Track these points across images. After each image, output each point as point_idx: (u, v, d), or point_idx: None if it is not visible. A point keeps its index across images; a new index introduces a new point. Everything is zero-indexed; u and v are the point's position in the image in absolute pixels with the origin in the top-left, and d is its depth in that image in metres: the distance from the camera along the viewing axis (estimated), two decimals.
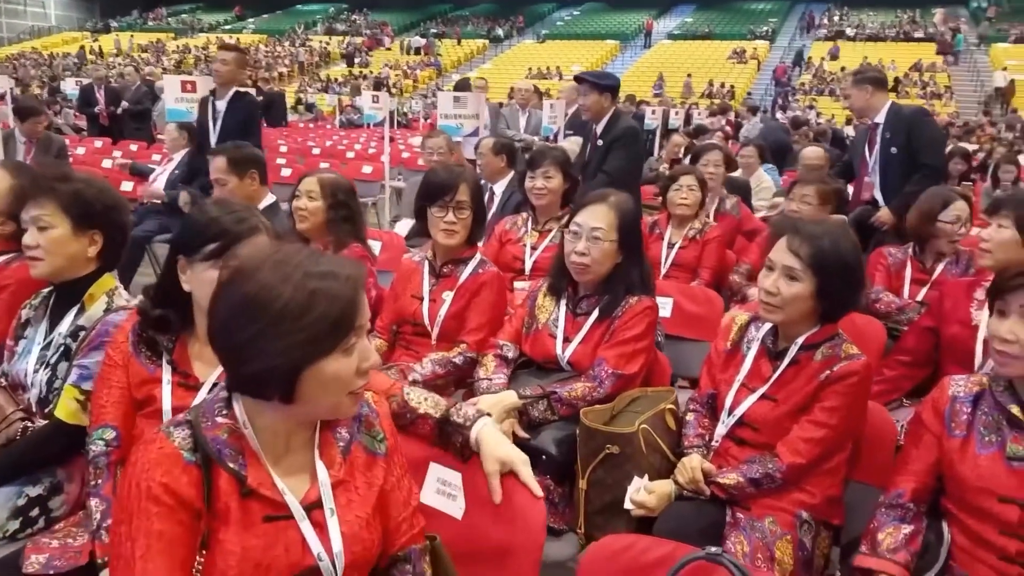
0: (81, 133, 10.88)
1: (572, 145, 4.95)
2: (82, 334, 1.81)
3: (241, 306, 1.10)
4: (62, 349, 1.83)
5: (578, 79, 4.36)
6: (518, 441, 2.01)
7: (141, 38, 36.50)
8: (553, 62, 30.93)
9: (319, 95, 26.65)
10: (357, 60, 33.58)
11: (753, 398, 1.94)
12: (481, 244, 2.66)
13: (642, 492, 1.87)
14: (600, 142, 4.16)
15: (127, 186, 5.88)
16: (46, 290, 1.95)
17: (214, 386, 1.55)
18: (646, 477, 1.90)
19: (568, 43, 34.45)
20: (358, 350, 1.15)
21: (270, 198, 3.50)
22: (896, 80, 26.14)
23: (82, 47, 32.65)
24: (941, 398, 1.72)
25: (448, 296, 2.44)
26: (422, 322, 2.46)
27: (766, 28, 34.06)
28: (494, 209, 3.99)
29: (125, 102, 9.60)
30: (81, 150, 8.19)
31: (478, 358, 2.34)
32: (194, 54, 32.14)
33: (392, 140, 9.27)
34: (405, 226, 4.44)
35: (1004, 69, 25.72)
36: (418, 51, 34.51)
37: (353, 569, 1.23)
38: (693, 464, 1.89)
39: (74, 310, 1.87)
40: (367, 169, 8.36)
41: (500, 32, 36.85)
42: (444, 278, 2.49)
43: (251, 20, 41.00)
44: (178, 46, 34.78)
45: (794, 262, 1.83)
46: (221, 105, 4.81)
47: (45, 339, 1.87)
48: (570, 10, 39.70)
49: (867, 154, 4.35)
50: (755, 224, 4.47)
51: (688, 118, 13.45)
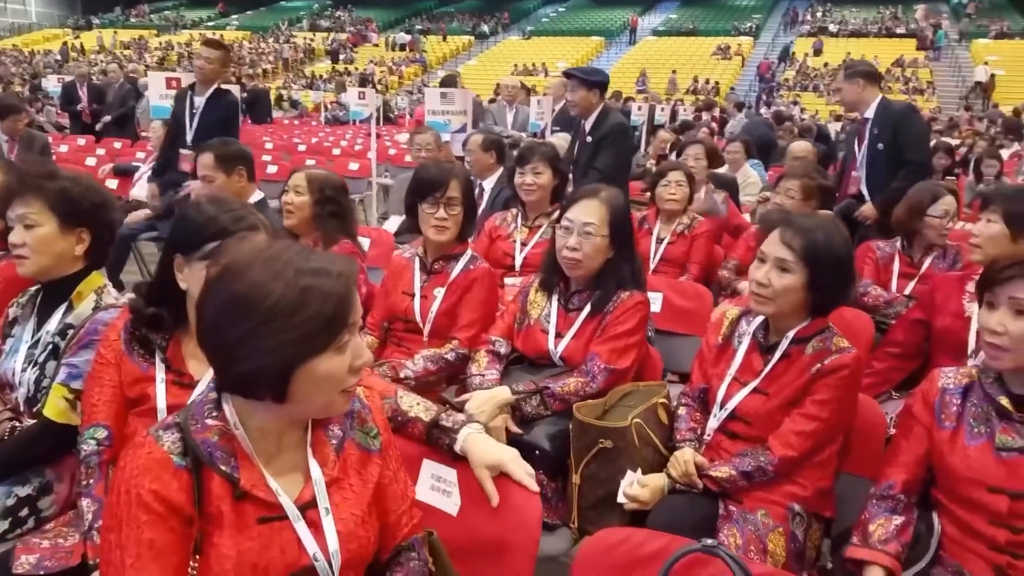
0: (63, 131, 10.76)
1: (560, 141, 4.94)
2: (70, 332, 1.79)
3: (231, 304, 1.08)
4: (50, 348, 1.81)
5: (567, 75, 4.36)
6: (511, 436, 2.02)
7: (123, 35, 36.15)
8: (538, 58, 30.93)
9: (304, 92, 26.49)
10: (342, 56, 33.42)
11: (745, 392, 1.95)
12: (471, 240, 2.65)
13: (635, 486, 1.87)
14: (589, 138, 4.16)
15: (111, 184, 5.82)
16: (33, 288, 1.93)
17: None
18: (639, 471, 1.90)
19: (553, 39, 34.47)
20: (351, 348, 1.13)
21: (258, 195, 3.48)
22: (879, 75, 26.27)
23: (65, 44, 32.26)
24: (931, 390, 1.73)
25: (440, 292, 2.43)
26: (413, 319, 2.46)
27: (750, 24, 34.22)
28: (483, 205, 3.98)
29: (108, 116, 9.40)
30: (64, 148, 8.10)
31: (470, 354, 2.33)
32: (177, 51, 31.87)
33: (378, 136, 9.23)
34: (394, 223, 4.43)
35: (985, 64, 25.97)
36: (403, 47, 34.40)
37: (349, 567, 1.23)
38: (686, 458, 1.90)
39: (62, 308, 1.85)
40: (354, 166, 8.32)
41: (485, 28, 36.81)
42: (435, 274, 2.48)
43: (235, 16, 40.71)
44: (161, 43, 34.47)
45: (786, 254, 1.84)
46: (200, 101, 4.68)
47: (33, 337, 1.85)
48: (555, 6, 39.72)
49: (856, 148, 4.39)
50: (741, 221, 4.49)
51: (674, 114, 13.49)
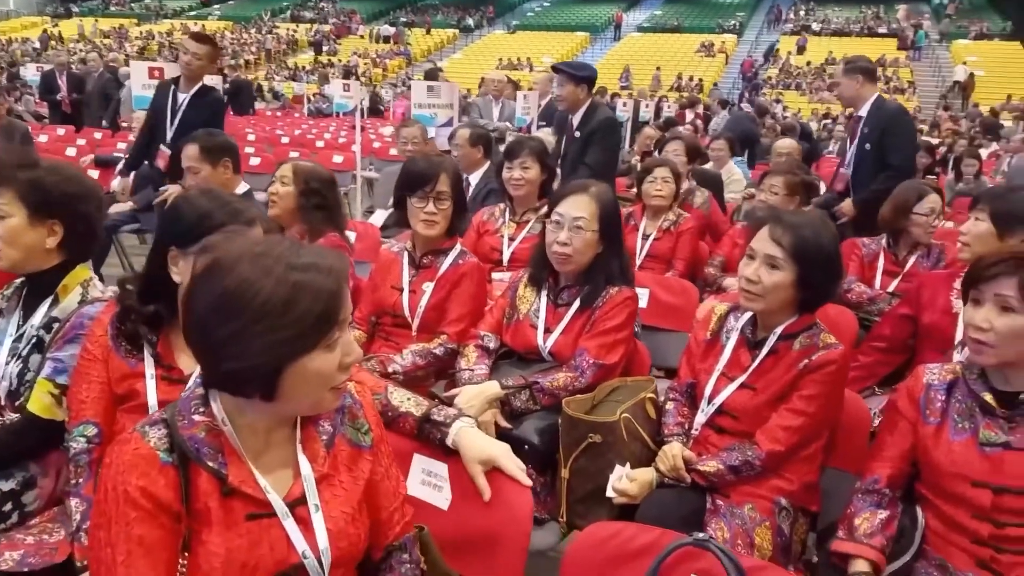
0: (42, 120, 10.60)
1: (546, 137, 4.95)
2: (56, 326, 1.76)
3: (219, 302, 1.06)
4: (34, 341, 1.77)
5: (555, 69, 4.35)
6: (500, 431, 2.03)
7: (103, 23, 35.63)
8: (523, 53, 30.87)
9: (286, 83, 26.26)
10: (325, 48, 33.17)
11: (732, 387, 1.96)
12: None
13: (624, 480, 1.88)
14: (577, 133, 4.16)
15: (92, 174, 5.75)
16: (19, 281, 1.90)
17: None
18: (627, 465, 1.91)
19: (538, 34, 34.40)
20: (341, 344, 1.12)
21: (243, 187, 3.46)
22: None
23: (45, 32, 31.75)
24: (916, 386, 1.75)
25: (428, 287, 2.43)
26: (402, 313, 2.45)
27: (734, 22, 34.36)
28: (468, 200, 3.97)
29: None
30: (43, 138, 7.97)
31: (459, 349, 2.33)
32: (158, 40, 31.46)
33: (363, 129, 9.18)
34: (380, 217, 4.42)
35: (963, 64, 26.27)
36: (387, 40, 34.20)
37: (339, 565, 1.22)
38: (674, 452, 1.91)
39: (47, 302, 1.81)
40: (338, 159, 8.26)
41: (470, 22, 36.68)
42: (424, 269, 2.47)
43: (216, 6, 40.23)
44: (141, 32, 34.02)
45: (776, 251, 1.86)
46: (183, 98, 4.49)
47: (17, 331, 1.81)
48: (540, 1, 39.64)
49: (848, 146, 4.43)
50: (721, 220, 4.51)
51: (658, 111, 13.53)
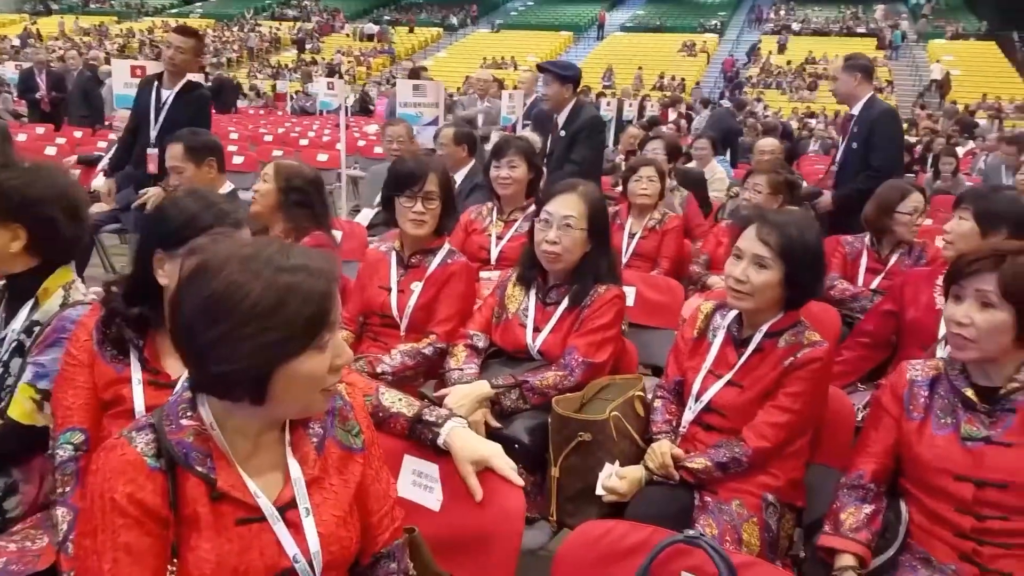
0: (21, 119, 10.45)
1: (533, 136, 4.96)
2: (37, 330, 1.73)
3: (207, 304, 1.05)
4: (15, 346, 1.74)
5: (540, 68, 4.37)
6: (490, 431, 2.03)
7: (83, 21, 35.20)
8: (508, 52, 30.86)
9: (268, 81, 26.09)
10: (308, 46, 32.98)
11: (720, 384, 1.98)
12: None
13: (613, 478, 1.89)
14: (563, 132, 4.18)
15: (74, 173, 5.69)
16: None
17: None
18: (617, 463, 1.93)
19: (522, 33, 34.40)
20: (331, 346, 1.11)
21: (228, 186, 3.43)
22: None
23: (26, 29, 31.30)
24: (899, 382, 1.78)
25: (417, 287, 2.42)
26: (390, 313, 2.44)
27: (715, 22, 34.54)
28: None
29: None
30: (23, 136, 7.86)
31: (448, 349, 2.33)
32: (139, 38, 31.14)
33: (347, 128, 9.13)
34: (367, 216, 4.40)
35: (938, 62, 26.61)
36: (371, 38, 34.07)
37: (331, 569, 1.21)
38: (663, 449, 1.93)
39: (28, 305, 1.77)
40: (322, 157, 8.22)
41: (454, 21, 36.62)
42: (412, 269, 2.47)
43: (198, 4, 39.85)
44: (122, 30, 33.65)
45: (763, 250, 1.88)
46: (167, 95, 4.34)
47: None
48: (524, 0, 39.64)
49: (840, 143, 4.50)
50: (700, 223, 4.54)
51: (642, 110, 13.60)
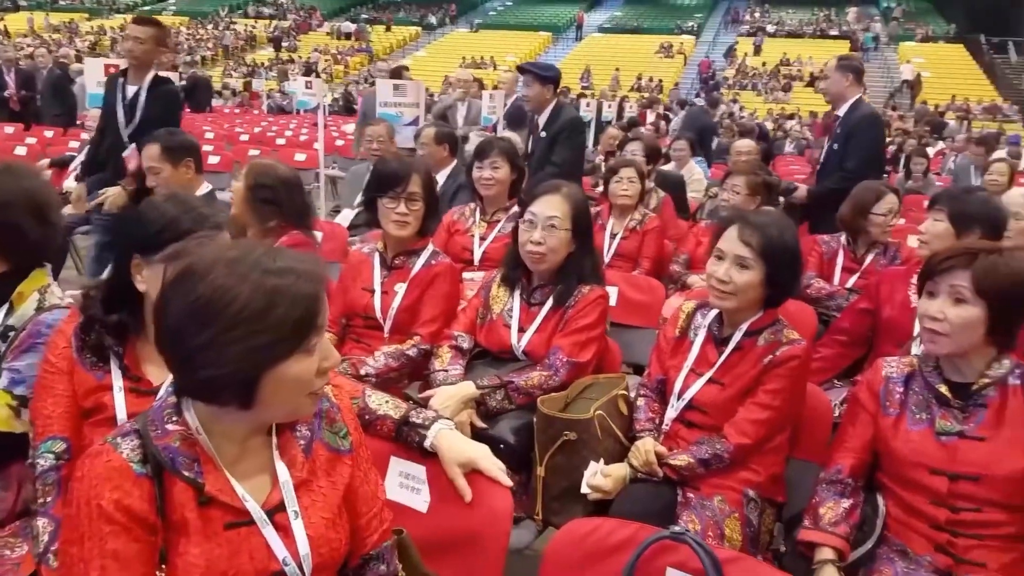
0: None
1: (514, 136, 4.98)
2: (12, 335, 1.70)
3: (194, 309, 1.04)
4: None
5: (521, 70, 4.39)
6: (475, 431, 2.05)
7: (53, 18, 34.58)
8: (487, 52, 30.86)
9: (244, 79, 25.85)
10: (285, 44, 32.72)
11: (701, 382, 2.01)
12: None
13: (598, 476, 1.92)
14: (543, 133, 4.20)
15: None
16: None
17: None
18: (601, 461, 1.95)
19: (501, 33, 34.44)
20: (319, 350, 1.11)
21: (206, 187, 3.40)
22: (812, 76, 27.14)
23: None
24: (875, 379, 1.83)
25: (401, 288, 2.42)
26: (374, 315, 2.44)
27: (692, 23, 34.80)
28: None
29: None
30: None
31: (432, 350, 2.34)
32: (110, 36, 30.68)
33: (325, 127, 9.08)
34: (347, 217, 4.39)
35: (908, 62, 27.06)
36: (348, 36, 33.88)
37: (321, 571, 1.21)
38: (647, 447, 1.96)
39: (3, 310, 1.74)
40: (300, 156, 8.18)
41: (433, 20, 36.53)
42: (396, 270, 2.47)
43: (172, 1, 39.37)
44: (92, 27, 33.13)
45: (745, 251, 1.92)
46: (134, 91, 4.07)
47: None
48: (503, 0, 39.67)
49: (825, 142, 4.56)
50: (675, 226, 4.58)
51: (621, 111, 13.69)
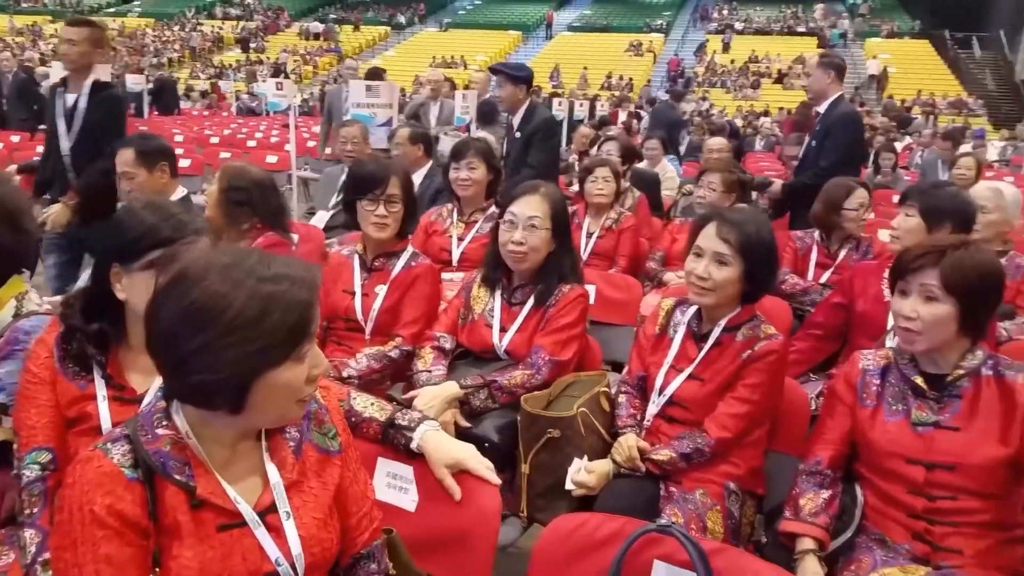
0: None
1: (490, 137, 4.99)
2: None
3: (188, 314, 1.04)
4: None
5: (493, 70, 4.40)
6: (459, 430, 2.06)
7: (16, 20, 33.84)
8: (457, 51, 30.82)
9: (209, 80, 25.56)
10: (252, 45, 32.39)
11: (681, 378, 2.04)
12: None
13: (582, 472, 1.94)
14: (518, 134, 4.22)
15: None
16: None
17: None
18: (585, 458, 1.97)
19: (471, 32, 34.41)
20: (309, 356, 1.12)
21: (181, 191, 3.37)
22: (780, 72, 27.53)
23: None
24: (852, 371, 1.87)
25: (381, 290, 2.43)
26: (355, 317, 2.44)
27: (661, 21, 35.06)
28: None
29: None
30: None
31: (414, 351, 2.35)
32: None
33: (296, 128, 9.01)
34: (322, 218, 4.38)
35: (875, 58, 27.54)
36: (317, 36, 33.63)
37: (313, 570, 1.22)
38: (629, 443, 1.98)
39: None
40: (272, 159, 8.11)
41: (402, 19, 36.39)
42: (376, 272, 2.47)
43: (136, 3, 38.73)
44: (56, 30, 32.44)
45: (724, 248, 1.95)
46: (75, 99, 3.79)
47: None
48: None
49: (806, 138, 4.63)
50: (649, 225, 4.63)
51: (592, 110, 13.76)
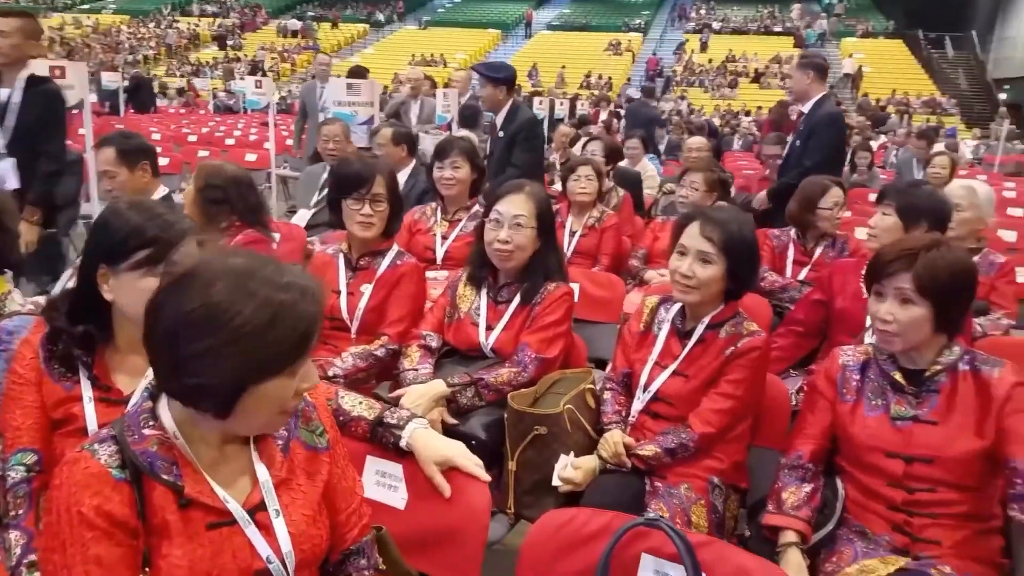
0: None
1: (472, 135, 5.00)
2: None
3: (194, 317, 1.03)
4: None
5: (475, 70, 4.40)
6: (447, 427, 2.07)
7: None
8: (436, 49, 30.71)
9: (188, 79, 25.28)
10: (230, 43, 32.07)
11: (666, 374, 2.07)
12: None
13: (569, 469, 1.95)
14: (501, 133, 4.23)
15: None
16: None
17: None
18: (572, 454, 1.99)
19: (450, 30, 34.34)
20: (302, 370, 1.12)
21: (163, 190, 3.34)
22: (757, 71, 27.77)
23: None
24: (832, 367, 1.91)
25: (367, 289, 2.42)
26: (340, 316, 2.43)
27: (639, 20, 35.20)
28: None
29: None
30: None
31: (400, 350, 2.35)
32: (48, 35, 29.66)
33: (275, 126, 8.95)
34: (303, 217, 4.36)
35: (850, 56, 27.88)
36: (295, 34, 33.38)
37: (303, 567, 1.23)
38: (615, 439, 2.01)
39: None
40: (251, 157, 8.06)
41: (380, 17, 36.21)
42: (361, 271, 2.47)
43: None
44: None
45: (707, 247, 1.98)
46: (7, 94, 3.59)
47: None
48: None
49: (790, 138, 4.67)
50: (633, 224, 4.66)
51: (572, 109, 13.82)
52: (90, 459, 1.09)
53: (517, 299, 2.26)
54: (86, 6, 36.82)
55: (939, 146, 8.14)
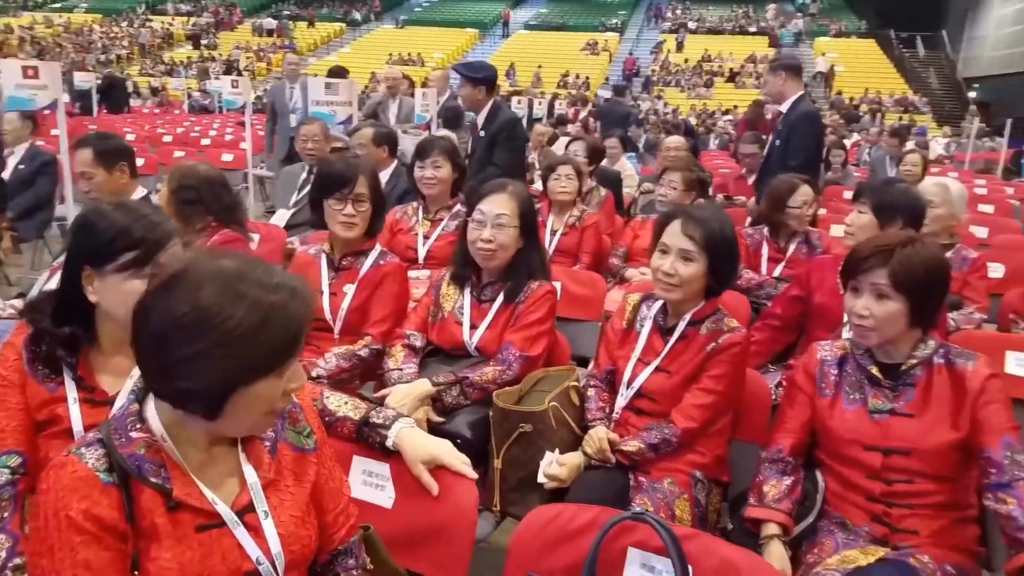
0: None
1: (452, 134, 5.00)
2: None
3: (184, 321, 1.03)
4: None
5: (455, 70, 4.40)
6: (432, 426, 2.07)
7: None
8: (414, 48, 30.60)
9: (163, 78, 24.97)
10: (204, 42, 31.74)
11: (648, 371, 2.09)
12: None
13: (554, 465, 1.97)
14: (482, 133, 4.23)
15: None
16: None
17: None
18: (557, 451, 2.00)
19: (428, 30, 34.24)
20: (289, 371, 1.12)
21: (141, 191, 3.32)
22: (732, 71, 28.00)
23: None
24: (811, 362, 1.94)
25: (350, 289, 2.42)
26: (323, 317, 2.42)
27: (616, 20, 35.35)
28: None
29: None
30: None
31: (384, 349, 2.35)
32: (18, 34, 29.12)
33: (252, 126, 8.87)
34: (282, 217, 4.34)
35: (823, 55, 28.21)
36: (270, 33, 33.10)
37: (293, 568, 1.23)
38: (600, 435, 2.03)
39: None
40: (227, 157, 7.98)
41: (357, 16, 36.02)
42: (344, 271, 2.47)
43: None
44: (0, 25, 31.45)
45: (689, 245, 2.00)
46: None
47: None
48: None
49: (769, 138, 4.69)
50: (613, 223, 4.68)
51: (551, 108, 13.86)
52: (77, 463, 1.09)
53: (500, 298, 2.27)
54: (57, 4, 36.22)
55: (909, 144, 8.27)
